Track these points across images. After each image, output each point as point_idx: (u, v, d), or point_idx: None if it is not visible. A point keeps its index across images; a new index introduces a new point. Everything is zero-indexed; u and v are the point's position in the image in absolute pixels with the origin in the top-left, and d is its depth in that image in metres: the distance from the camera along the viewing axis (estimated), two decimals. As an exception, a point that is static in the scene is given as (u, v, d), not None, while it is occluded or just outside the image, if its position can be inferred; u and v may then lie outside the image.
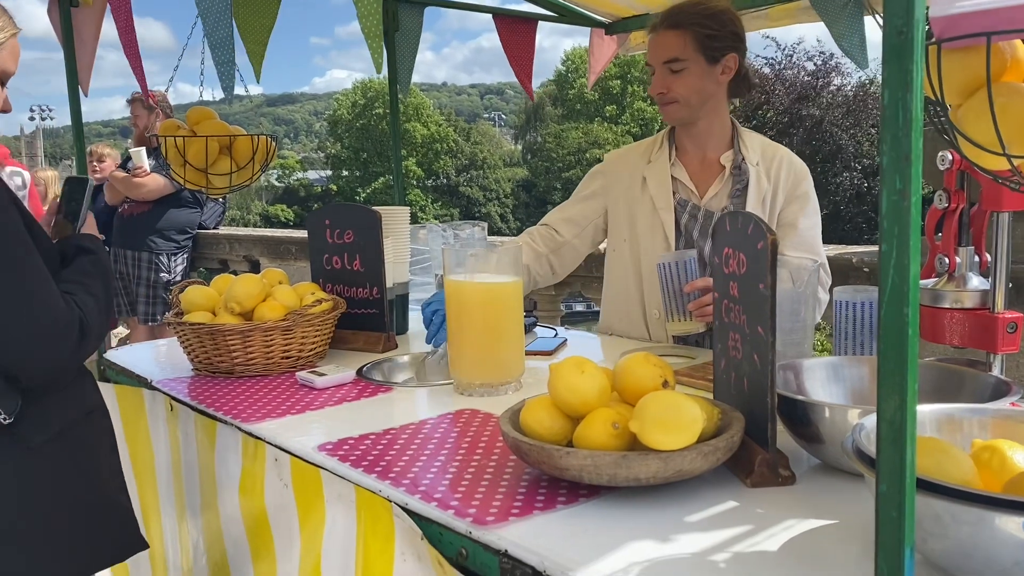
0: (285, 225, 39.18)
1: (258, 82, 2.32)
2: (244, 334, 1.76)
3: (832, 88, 22.21)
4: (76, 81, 2.16)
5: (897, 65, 0.59)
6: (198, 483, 1.65)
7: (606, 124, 40.89)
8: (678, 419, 1.03)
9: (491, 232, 2.75)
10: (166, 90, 4.62)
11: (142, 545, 1.56)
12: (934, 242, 1.29)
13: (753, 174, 1.98)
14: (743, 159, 2.00)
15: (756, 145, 2.04)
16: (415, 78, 2.88)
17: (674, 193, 2.03)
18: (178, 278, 4.87)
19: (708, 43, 1.90)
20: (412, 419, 1.47)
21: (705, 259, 1.95)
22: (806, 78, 22.13)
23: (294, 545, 1.38)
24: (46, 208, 1.63)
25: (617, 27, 3.00)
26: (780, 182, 1.99)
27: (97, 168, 4.95)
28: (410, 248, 2.24)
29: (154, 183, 4.56)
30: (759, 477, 1.11)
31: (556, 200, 41.36)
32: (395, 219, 2.16)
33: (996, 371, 1.22)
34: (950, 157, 1.21)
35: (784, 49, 22.08)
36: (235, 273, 5.24)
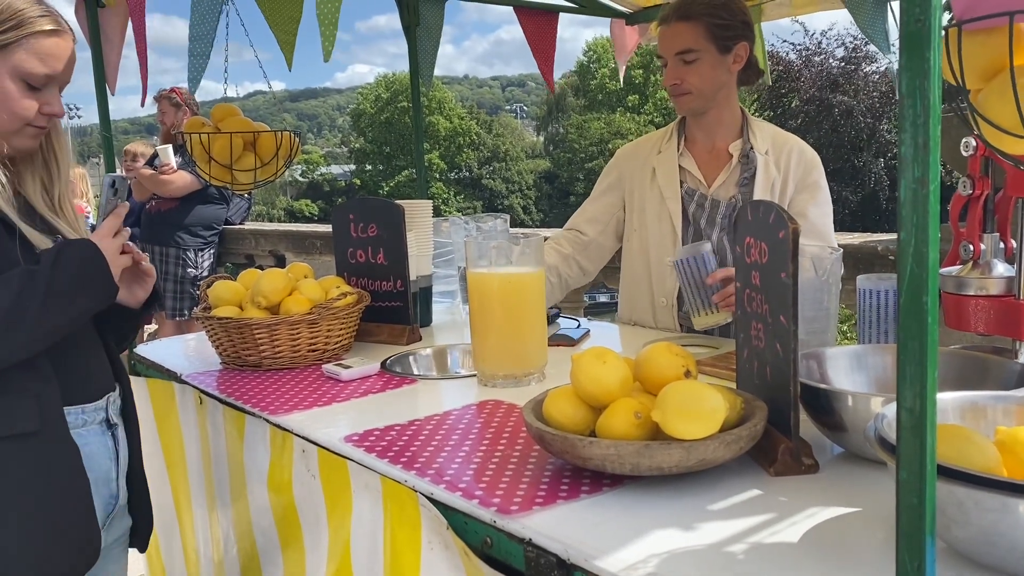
0: (310, 220, 39.44)
1: (290, 70, 2.34)
2: (271, 327, 1.79)
3: (863, 73, 21.90)
4: (104, 80, 2.19)
5: (915, 53, 0.59)
6: (227, 475, 1.68)
7: (628, 114, 40.67)
8: (700, 408, 1.03)
9: (514, 224, 2.76)
10: (168, 91, 4.66)
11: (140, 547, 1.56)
12: (958, 229, 1.29)
13: (761, 163, 1.98)
14: (751, 148, 2.00)
15: (766, 134, 2.04)
16: (437, 72, 2.90)
17: (682, 183, 2.04)
18: (205, 273, 4.92)
19: (720, 33, 1.91)
20: (436, 410, 1.49)
21: (714, 248, 1.95)
22: (836, 64, 21.86)
23: (322, 535, 1.40)
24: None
25: (638, 17, 2.99)
26: (790, 172, 1.99)
27: (132, 167, 5.00)
28: (433, 241, 2.25)
29: (181, 180, 4.61)
30: (782, 466, 1.12)
31: (579, 191, 41.22)
32: (418, 212, 2.18)
33: (1022, 358, 1.21)
34: (974, 143, 1.21)
35: (812, 35, 21.82)
36: (261, 268, 5.30)
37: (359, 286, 2.08)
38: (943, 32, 0.93)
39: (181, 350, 2.15)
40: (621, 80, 3.49)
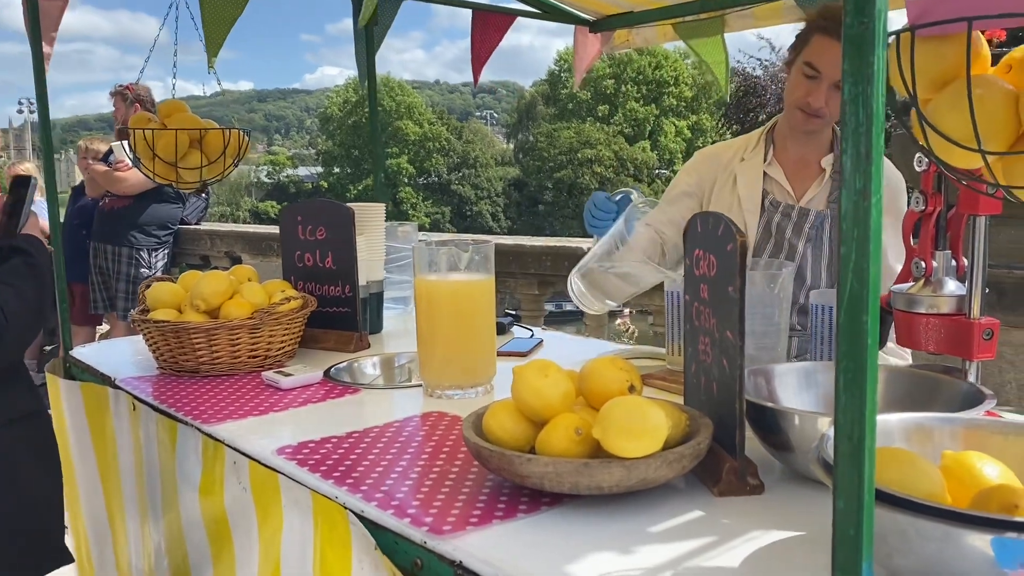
0: (275, 222, 39.05)
1: (210, 71, 2.27)
2: (209, 332, 1.72)
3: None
4: (44, 74, 2.11)
5: (858, 58, 0.56)
6: (160, 485, 1.61)
7: (598, 124, 40.88)
8: (642, 425, 0.99)
9: (482, 231, 2.70)
10: (137, 83, 4.55)
11: (65, 559, 1.51)
12: (910, 246, 1.26)
13: None
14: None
15: None
16: (406, 75, 2.86)
17: (766, 193, 1.97)
18: (158, 274, 4.81)
19: None
20: (377, 422, 1.43)
21: (798, 259, 1.89)
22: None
23: (253, 549, 1.34)
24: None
25: (601, 25, 2.96)
26: (881, 193, 1.94)
27: (90, 163, 4.88)
28: (385, 246, 2.20)
29: (135, 177, 4.50)
30: (726, 486, 1.08)
31: (547, 199, 41.35)
32: (369, 216, 2.12)
33: (972, 378, 1.19)
34: (926, 159, 1.18)
35: (778, 51, 22.08)
36: (216, 270, 5.19)
37: (306, 290, 2.02)
38: (891, 39, 0.90)
39: (119, 353, 2.07)
40: (576, 85, 3.45)
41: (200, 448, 1.45)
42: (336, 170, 45.75)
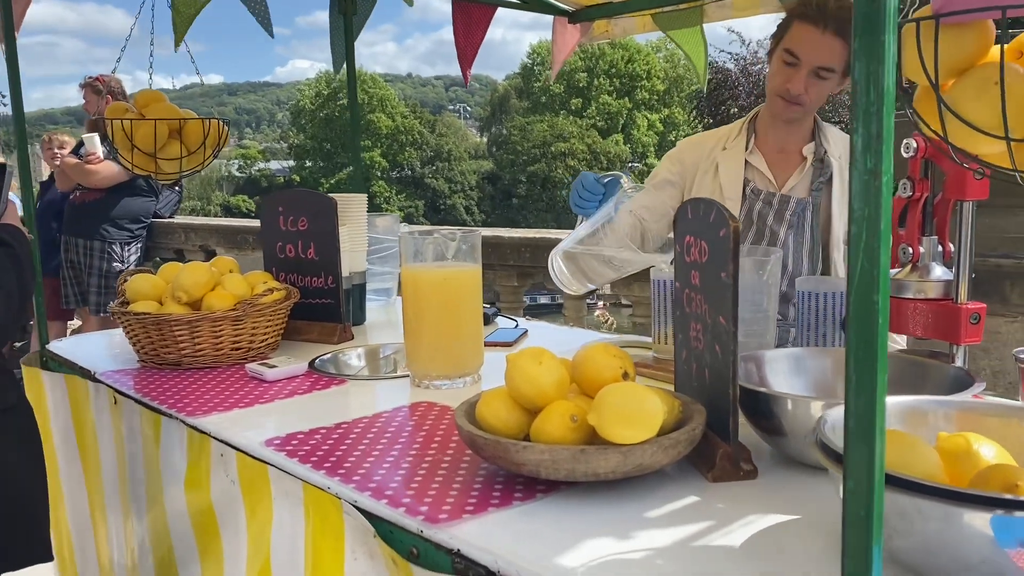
0: (247, 216, 38.71)
1: (176, 51, 2.25)
2: (191, 324, 1.70)
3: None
4: (16, 68, 2.06)
5: (869, 37, 0.56)
6: (143, 479, 1.58)
7: (571, 117, 40.91)
8: (638, 412, 0.99)
9: (456, 224, 2.69)
10: (92, 79, 4.48)
11: (45, 557, 1.49)
12: (897, 232, 1.28)
13: (836, 167, 1.94)
14: (825, 152, 1.96)
15: (837, 139, 2.00)
16: (378, 68, 2.84)
17: (748, 181, 1.98)
18: (132, 268, 4.75)
19: None
20: (365, 412, 1.42)
21: (781, 245, 1.90)
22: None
23: (241, 543, 1.32)
24: None
25: (580, 15, 2.96)
26: None
27: (57, 155, 4.79)
28: (368, 236, 2.18)
29: (107, 170, 4.44)
30: (720, 471, 1.08)
31: (521, 193, 41.33)
32: (352, 206, 2.10)
33: (959, 362, 1.21)
34: (915, 144, 1.19)
35: (748, 45, 22.22)
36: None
37: (288, 282, 2.00)
38: (901, 25, 0.90)
39: (98, 347, 2.04)
40: (553, 77, 3.44)
41: (185, 441, 1.43)
42: (308, 164, 45.40)
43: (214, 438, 1.36)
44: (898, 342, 1.75)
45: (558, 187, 37.67)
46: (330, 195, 1.95)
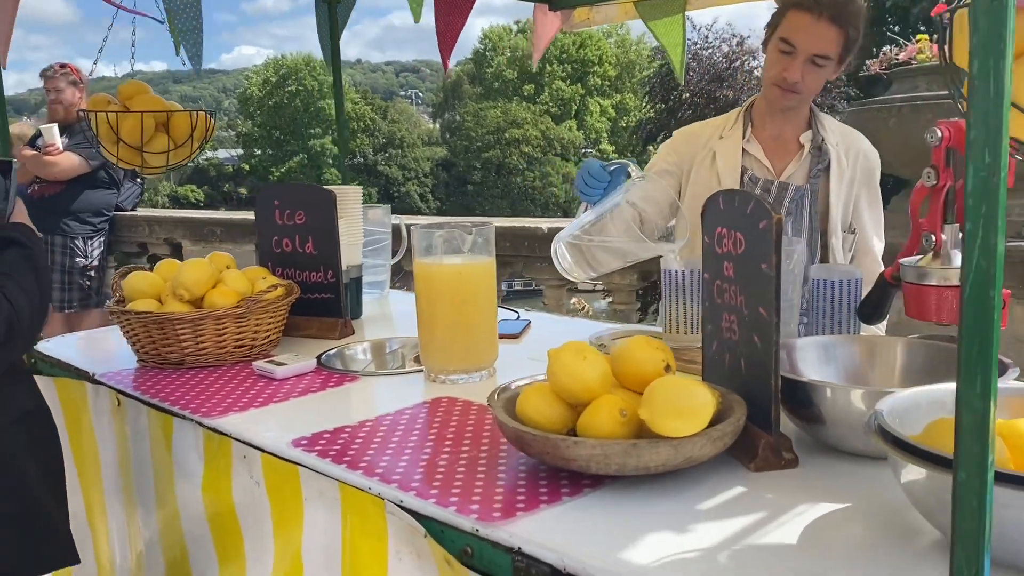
0: (195, 206, 37.94)
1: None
2: (195, 322, 1.66)
3: (746, 68, 22.62)
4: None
5: (989, 32, 0.56)
6: (152, 481, 1.54)
7: (524, 103, 40.85)
8: (690, 404, 1.00)
9: (411, 212, 2.65)
10: (60, 67, 4.35)
11: (72, 560, 1.46)
12: (918, 220, 1.29)
13: (834, 155, 1.96)
14: (823, 140, 1.98)
15: (834, 128, 2.02)
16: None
17: (745, 170, 1.99)
18: (95, 263, 4.63)
19: (849, 46, 1.85)
20: (387, 409, 1.40)
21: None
22: (721, 59, 22.50)
23: (267, 545, 1.30)
24: None
25: (562, 3, 2.94)
26: (857, 169, 1.99)
27: (22, 147, 4.63)
28: (363, 229, 2.15)
29: (67, 162, 4.31)
30: (763, 461, 1.09)
31: (476, 179, 41.15)
32: (347, 199, 2.07)
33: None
34: (939, 133, 1.21)
35: (699, 30, 22.39)
36: (153, 258, 5.01)
37: (285, 277, 1.96)
38: (954, 11, 0.91)
39: (89, 347, 1.99)
40: (535, 64, 3.42)
41: (201, 443, 1.40)
42: (257, 152, 44.64)
43: (235, 439, 1.33)
44: (877, 330, 1.79)
45: (513, 174, 37.61)
46: (328, 187, 1.92)
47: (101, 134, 2.00)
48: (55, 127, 4.31)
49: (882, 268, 2.01)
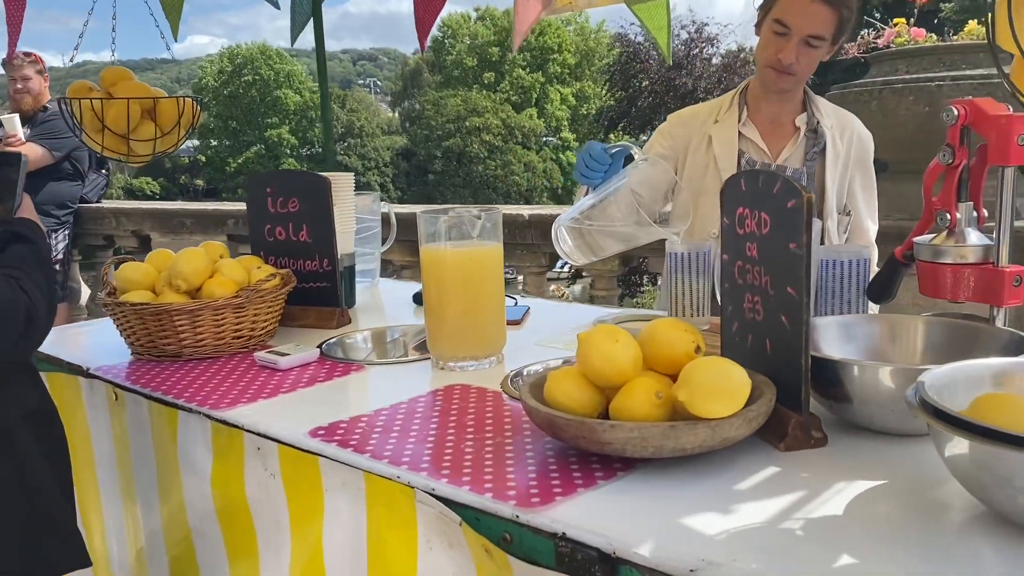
0: (151, 199, 37.17)
1: (175, 40, 2.13)
2: (193, 313, 1.62)
3: (704, 56, 22.77)
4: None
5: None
6: (154, 477, 1.50)
7: (485, 92, 40.68)
8: (728, 386, 0.99)
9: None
10: (26, 55, 4.22)
11: (82, 563, 1.42)
12: (931, 198, 1.31)
13: (829, 137, 1.97)
14: (818, 122, 1.98)
15: (828, 110, 2.03)
16: (283, 43, 2.74)
17: (742, 153, 1.99)
18: (60, 257, 4.52)
19: (843, 26, 1.86)
20: (400, 398, 1.38)
21: None
22: (679, 47, 22.61)
23: (284, 538, 1.27)
24: None
25: (544, -13, 2.92)
26: (851, 150, 2.00)
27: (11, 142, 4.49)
28: (356, 217, 2.12)
29: (31, 153, 4.18)
30: (793, 440, 1.10)
31: (437, 168, 40.89)
32: (340, 186, 2.03)
33: (1000, 324, 1.25)
34: (956, 112, 1.22)
35: (659, 17, 22.43)
36: (120, 250, 4.89)
37: (279, 266, 1.92)
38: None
39: (80, 340, 1.93)
40: (515, 49, 3.39)
41: (210, 435, 1.37)
42: (214, 143, 43.88)
43: (248, 431, 1.30)
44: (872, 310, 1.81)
45: (474, 162, 37.48)
46: (322, 175, 1.89)
47: (85, 122, 1.94)
48: (16, 117, 4.19)
49: (875, 249, 2.04)
